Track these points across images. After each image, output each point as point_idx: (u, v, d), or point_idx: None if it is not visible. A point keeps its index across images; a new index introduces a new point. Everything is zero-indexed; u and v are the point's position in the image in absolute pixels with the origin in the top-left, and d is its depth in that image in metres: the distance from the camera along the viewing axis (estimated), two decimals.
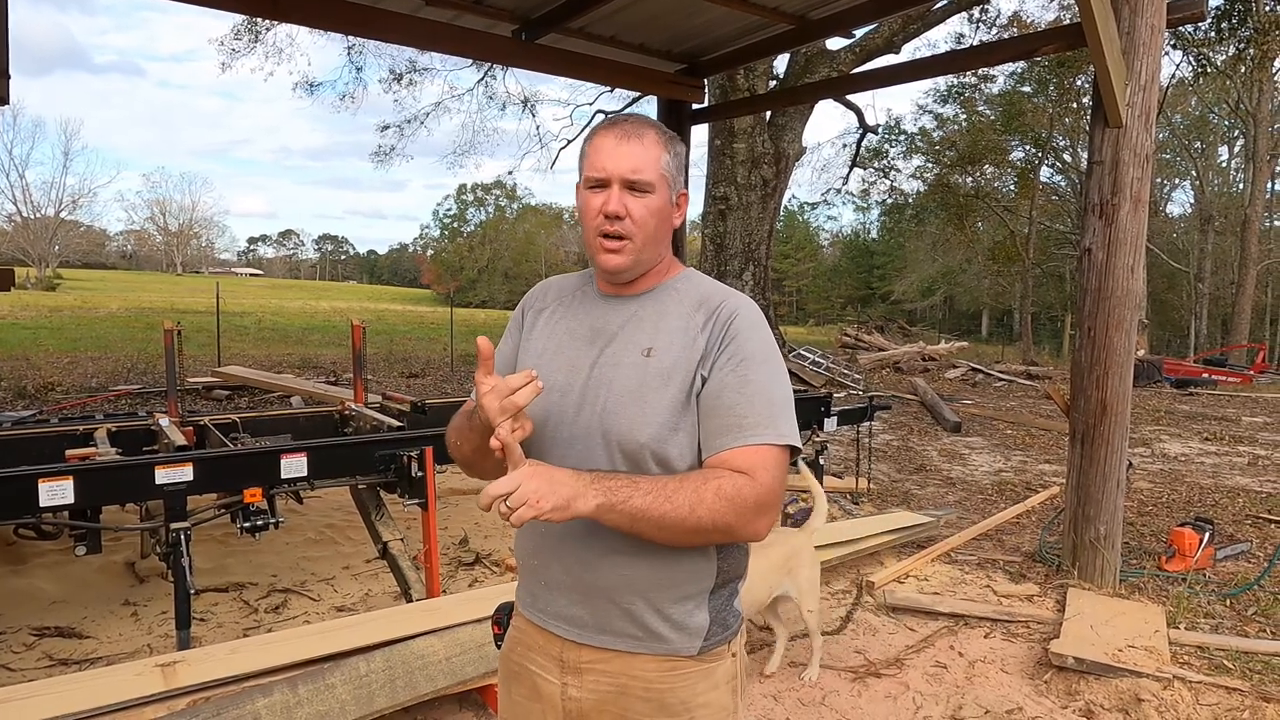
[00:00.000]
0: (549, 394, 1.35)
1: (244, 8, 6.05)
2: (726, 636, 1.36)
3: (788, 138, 11.27)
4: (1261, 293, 30.74)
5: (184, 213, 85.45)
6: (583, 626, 1.34)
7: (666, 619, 1.31)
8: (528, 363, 1.42)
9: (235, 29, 16.88)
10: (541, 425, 1.35)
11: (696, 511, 1.19)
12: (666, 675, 1.32)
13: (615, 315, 1.38)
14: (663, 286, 1.39)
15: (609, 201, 1.30)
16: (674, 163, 1.34)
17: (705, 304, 1.35)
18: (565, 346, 1.40)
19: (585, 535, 1.31)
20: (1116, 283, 4.22)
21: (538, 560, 1.39)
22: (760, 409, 1.26)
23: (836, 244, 62.53)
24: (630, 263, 1.33)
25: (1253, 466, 7.98)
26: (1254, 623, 3.89)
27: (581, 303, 1.43)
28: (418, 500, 3.60)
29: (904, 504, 6.12)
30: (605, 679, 1.33)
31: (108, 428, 4.16)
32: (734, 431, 1.25)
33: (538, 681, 1.39)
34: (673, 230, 1.39)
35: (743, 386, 1.27)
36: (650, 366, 1.30)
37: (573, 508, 1.14)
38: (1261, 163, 25.29)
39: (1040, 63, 21.24)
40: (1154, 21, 4.09)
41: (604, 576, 1.31)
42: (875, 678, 3.31)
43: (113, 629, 3.59)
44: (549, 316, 1.45)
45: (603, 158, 1.30)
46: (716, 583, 1.34)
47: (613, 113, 18.62)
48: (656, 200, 1.32)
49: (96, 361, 13.10)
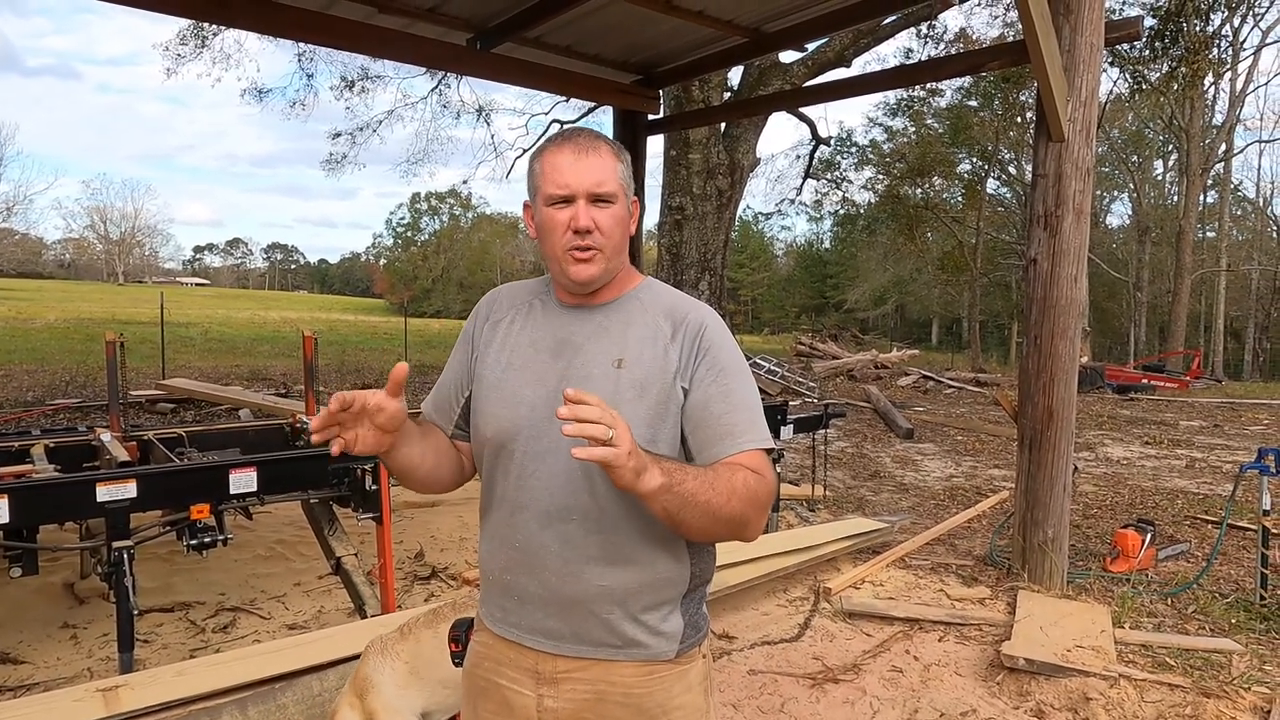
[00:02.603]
0: (517, 407, 1.35)
1: (192, 12, 5.93)
2: (698, 639, 1.40)
3: (742, 149, 11.38)
4: (1196, 301, 31.92)
5: (126, 220, 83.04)
6: (560, 639, 1.34)
7: (644, 626, 1.33)
8: (489, 376, 1.41)
9: (181, 34, 16.44)
10: (512, 439, 1.34)
11: (731, 501, 1.22)
12: (644, 679, 1.34)
13: (580, 326, 1.37)
14: (626, 296, 1.40)
15: (578, 217, 1.30)
16: (627, 172, 1.36)
17: (672, 314, 1.37)
18: (530, 359, 1.38)
19: (560, 548, 1.31)
20: (1061, 292, 4.34)
21: (509, 575, 1.37)
22: (745, 416, 1.32)
23: (791, 254, 63.30)
24: (600, 272, 1.34)
25: (1190, 469, 8.27)
26: (1194, 620, 4.03)
27: (541, 313, 1.42)
28: (372, 514, 3.54)
29: (859, 510, 6.20)
30: (583, 687, 1.34)
31: (45, 443, 4.00)
32: (728, 439, 1.30)
33: (509, 695, 1.38)
34: (629, 238, 1.40)
35: (727, 396, 1.32)
36: (623, 378, 1.31)
37: (643, 478, 1.11)
38: (1194, 176, 26.30)
39: (986, 78, 21.86)
40: (1093, 40, 4.23)
41: (581, 588, 1.31)
42: (833, 684, 3.34)
43: (50, 653, 3.45)
44: (507, 327, 1.44)
45: (564, 174, 1.30)
46: (689, 587, 1.37)
47: (567, 123, 18.57)
48: (619, 210, 1.34)
49: (32, 374, 12.64)
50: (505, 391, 1.37)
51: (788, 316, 53.79)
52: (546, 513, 1.31)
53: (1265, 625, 3.93)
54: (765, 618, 4.00)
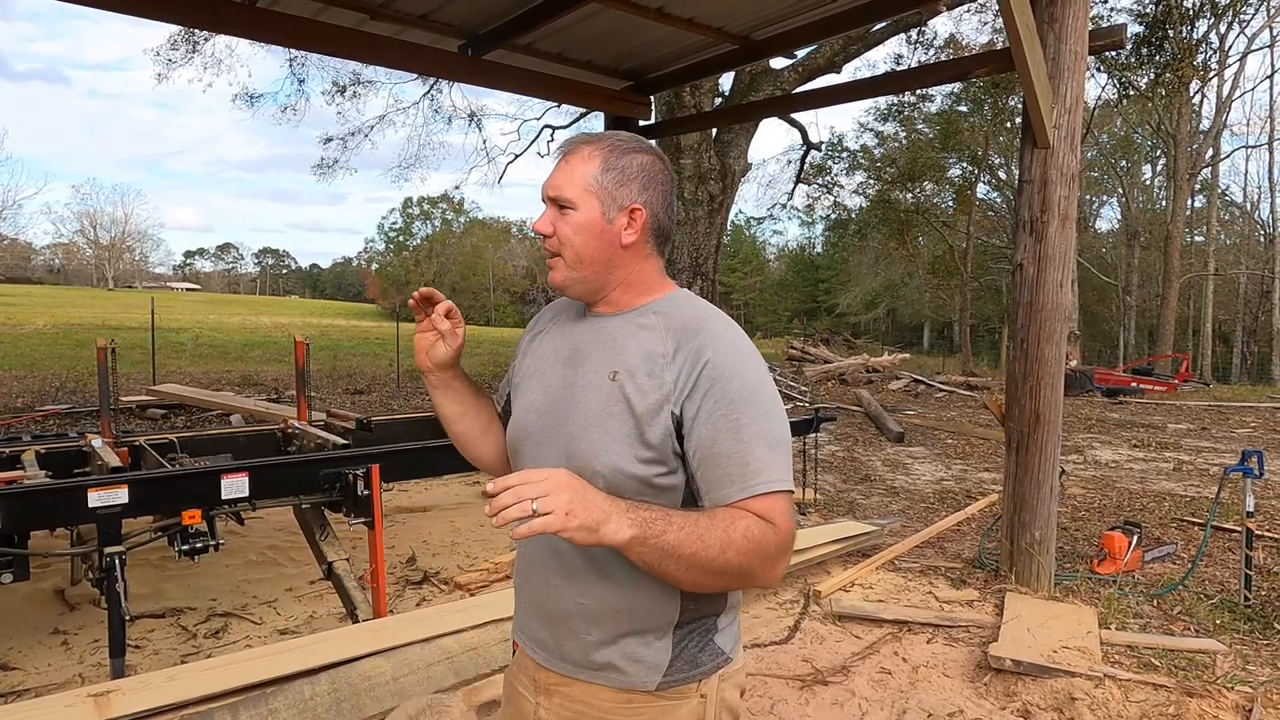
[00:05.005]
0: (528, 413, 1.37)
1: (183, 19, 5.93)
2: (695, 675, 1.28)
3: (733, 154, 11.45)
4: (1184, 305, 32.10)
5: (116, 225, 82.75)
6: (549, 651, 1.34)
7: (621, 651, 1.27)
8: (517, 383, 1.45)
9: (171, 39, 16.43)
10: (520, 444, 1.37)
11: (726, 553, 1.13)
12: (622, 707, 1.28)
13: (593, 336, 1.35)
14: (644, 308, 1.33)
15: (538, 219, 1.33)
16: (608, 177, 1.28)
17: (683, 331, 1.27)
18: (547, 366, 1.39)
19: (548, 558, 1.31)
20: (1047, 296, 4.39)
21: (520, 579, 1.41)
22: (761, 454, 1.19)
23: (783, 258, 63.50)
24: (563, 280, 1.32)
25: (1177, 472, 8.34)
26: (1179, 621, 4.07)
27: (570, 322, 1.42)
28: (364, 519, 3.55)
29: (849, 514, 6.23)
30: (566, 703, 1.33)
31: (36, 449, 4.00)
32: (739, 481, 1.18)
33: (520, 702, 1.40)
34: (621, 247, 1.30)
35: (738, 432, 1.19)
36: (614, 391, 1.26)
37: (602, 532, 1.06)
38: (1181, 181, 26.51)
39: (975, 84, 21.97)
40: (1077, 48, 4.29)
41: (562, 603, 1.30)
42: (822, 685, 3.37)
43: (41, 659, 3.45)
44: (543, 338, 1.46)
45: (547, 177, 1.34)
46: (682, 619, 1.28)
47: (559, 129, 18.48)
48: (579, 217, 1.28)
49: (22, 380, 12.57)
50: (526, 397, 1.40)
51: (780, 321, 53.88)
52: None
53: (1249, 625, 3.98)
54: (755, 620, 4.02)
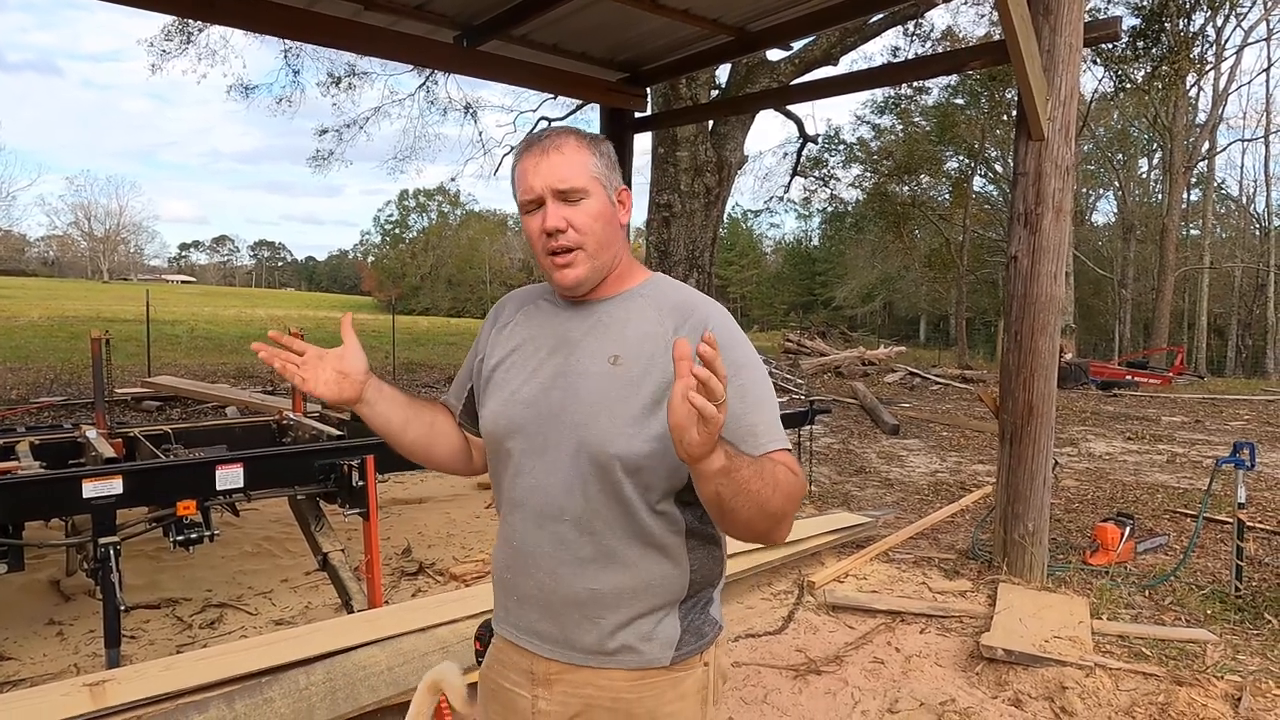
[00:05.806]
0: (514, 405, 1.34)
1: (177, 9, 5.90)
2: (700, 646, 1.33)
3: (730, 146, 11.42)
4: (1179, 298, 32.21)
5: (111, 217, 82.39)
6: (552, 642, 1.32)
7: (636, 631, 1.29)
8: (491, 374, 1.41)
9: (166, 30, 16.31)
10: (508, 436, 1.34)
11: (776, 495, 1.16)
12: (635, 685, 1.29)
13: (578, 322, 1.35)
14: (629, 293, 1.36)
15: (546, 218, 1.28)
16: (602, 162, 1.31)
17: (678, 310, 1.32)
18: (528, 357, 1.37)
19: (553, 548, 1.30)
20: (1041, 289, 4.40)
21: (510, 574, 1.37)
22: (766, 416, 1.27)
23: (779, 251, 63.49)
24: (586, 273, 1.31)
25: (1171, 464, 8.38)
26: (1170, 611, 4.10)
27: (543, 311, 1.41)
28: (359, 510, 3.56)
29: (844, 505, 6.25)
30: (571, 690, 1.32)
31: (30, 440, 4.00)
32: (749, 440, 1.22)
33: (511, 698, 1.38)
34: (621, 229, 1.35)
35: (744, 396, 1.25)
36: (618, 375, 1.27)
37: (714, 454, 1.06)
38: (1177, 174, 26.55)
39: (972, 76, 21.99)
40: (1072, 40, 4.29)
41: (572, 591, 1.29)
42: (816, 675, 3.39)
43: (36, 649, 3.45)
44: (512, 329, 1.43)
45: (529, 178, 1.29)
46: (689, 592, 1.32)
47: (555, 120, 18.49)
48: (594, 204, 1.29)
49: (16, 372, 12.55)
50: (504, 389, 1.37)
51: (776, 314, 53.93)
52: (541, 512, 1.30)
53: (1240, 616, 4.01)
54: (750, 611, 4.04)
